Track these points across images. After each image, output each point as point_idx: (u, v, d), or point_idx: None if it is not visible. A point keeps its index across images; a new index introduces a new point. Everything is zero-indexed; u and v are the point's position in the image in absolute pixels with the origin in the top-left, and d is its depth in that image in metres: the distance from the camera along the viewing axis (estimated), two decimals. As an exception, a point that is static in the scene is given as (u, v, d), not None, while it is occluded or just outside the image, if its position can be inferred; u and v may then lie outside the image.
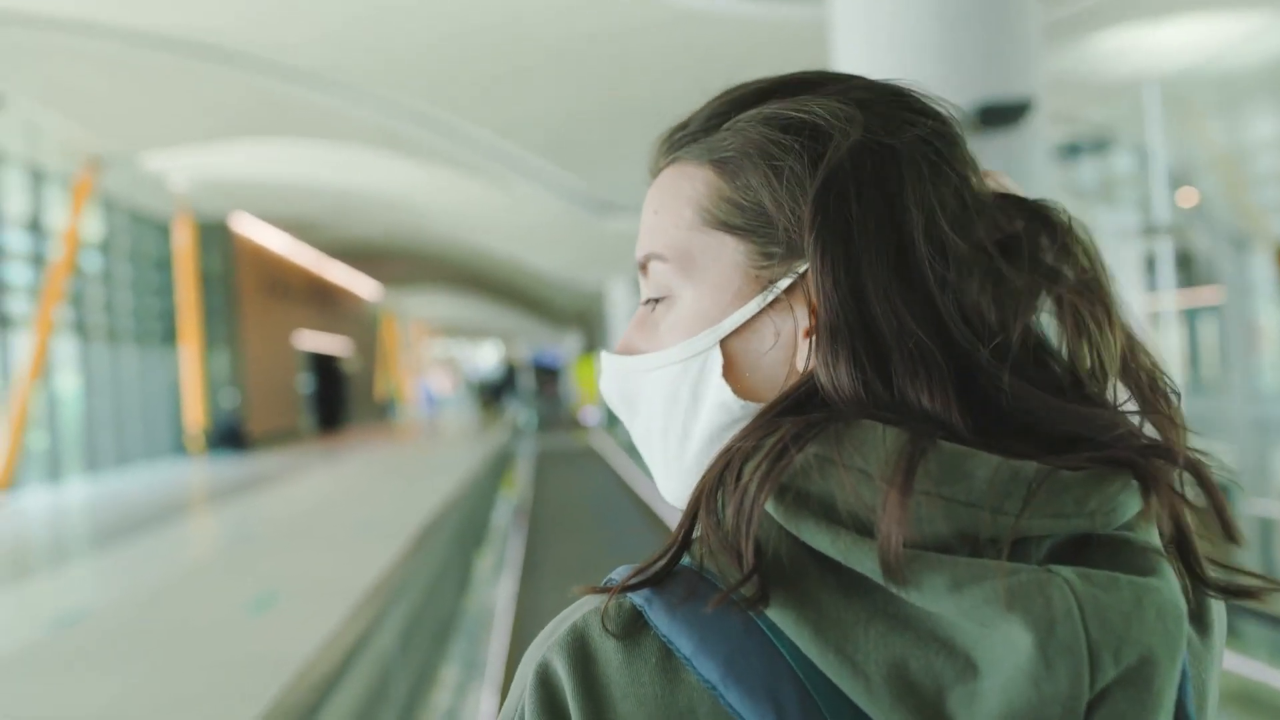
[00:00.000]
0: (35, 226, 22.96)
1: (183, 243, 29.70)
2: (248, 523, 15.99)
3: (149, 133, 21.44)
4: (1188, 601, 0.74)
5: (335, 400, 46.47)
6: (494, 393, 73.98)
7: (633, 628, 0.77)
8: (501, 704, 0.83)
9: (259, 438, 33.03)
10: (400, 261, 46.48)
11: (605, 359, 0.95)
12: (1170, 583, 0.71)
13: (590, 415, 46.65)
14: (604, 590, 0.80)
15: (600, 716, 0.75)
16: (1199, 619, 0.83)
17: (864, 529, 0.71)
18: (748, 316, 0.84)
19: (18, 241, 22.52)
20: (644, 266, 0.91)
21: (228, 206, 31.01)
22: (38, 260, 22.80)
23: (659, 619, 0.77)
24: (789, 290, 0.82)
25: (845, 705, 0.71)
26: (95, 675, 7.56)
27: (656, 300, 0.90)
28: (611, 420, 37.05)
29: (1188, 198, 19.40)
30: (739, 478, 0.76)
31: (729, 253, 0.85)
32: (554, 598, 9.66)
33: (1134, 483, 0.73)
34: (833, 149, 0.81)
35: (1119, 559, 0.72)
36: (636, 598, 0.79)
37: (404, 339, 71.06)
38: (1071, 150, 18.31)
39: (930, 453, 0.71)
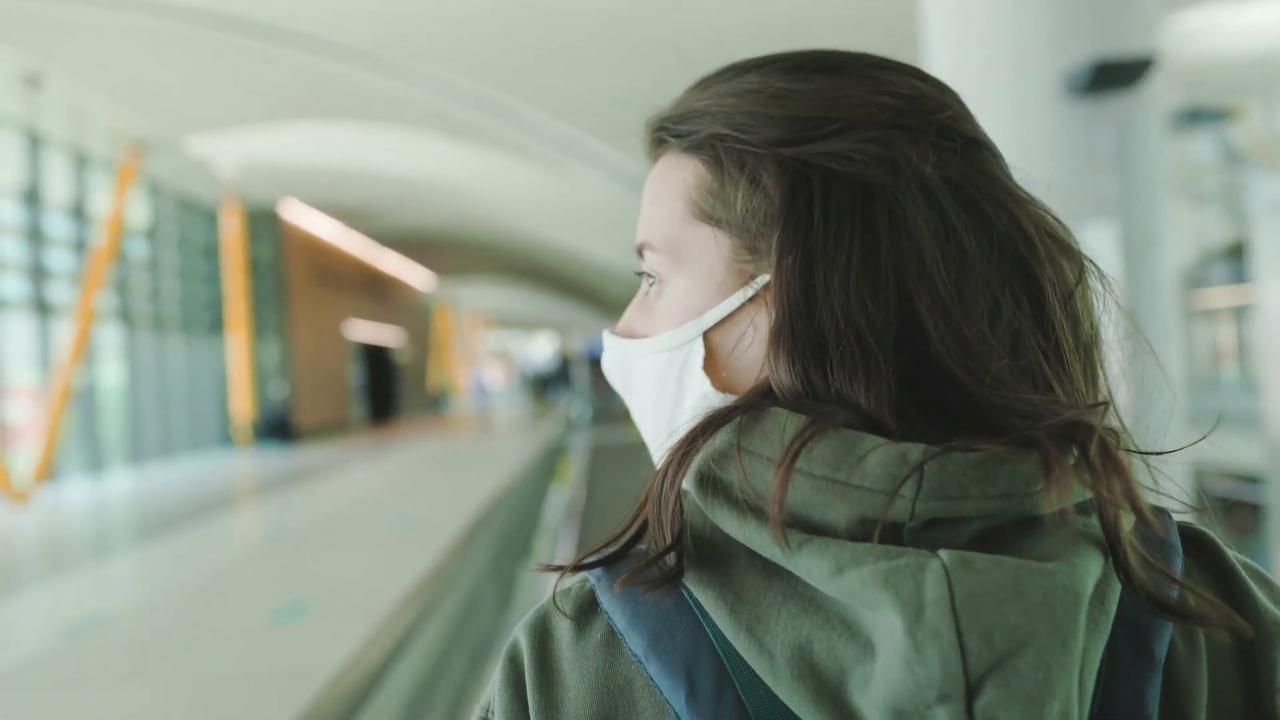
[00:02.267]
0: (78, 212, 22.53)
1: (230, 230, 29.29)
2: (286, 520, 15.48)
3: (195, 115, 20.95)
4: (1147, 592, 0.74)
5: (386, 391, 46.22)
6: (546, 385, 74.19)
7: (586, 605, 0.84)
8: None
9: (308, 429, 32.74)
10: (454, 251, 46.19)
11: (606, 338, 0.99)
12: (1076, 569, 0.69)
13: None
14: (560, 568, 0.85)
15: (550, 687, 0.82)
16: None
17: (763, 514, 0.74)
18: (729, 310, 0.86)
19: (60, 227, 22.08)
20: (640, 252, 0.93)
21: (277, 193, 30.62)
22: (80, 247, 22.36)
23: (603, 597, 0.83)
24: (768, 286, 0.83)
25: (758, 683, 0.74)
26: (95, 693, 6.87)
27: (652, 280, 0.93)
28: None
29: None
30: (664, 464, 0.80)
31: (715, 246, 0.87)
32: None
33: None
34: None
35: (1035, 544, 0.71)
36: (592, 577, 0.85)
37: (457, 330, 71.03)
38: (1191, 117, 17.21)
39: (820, 437, 0.73)
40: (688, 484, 0.82)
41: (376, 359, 45.19)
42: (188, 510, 16.59)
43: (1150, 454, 0.81)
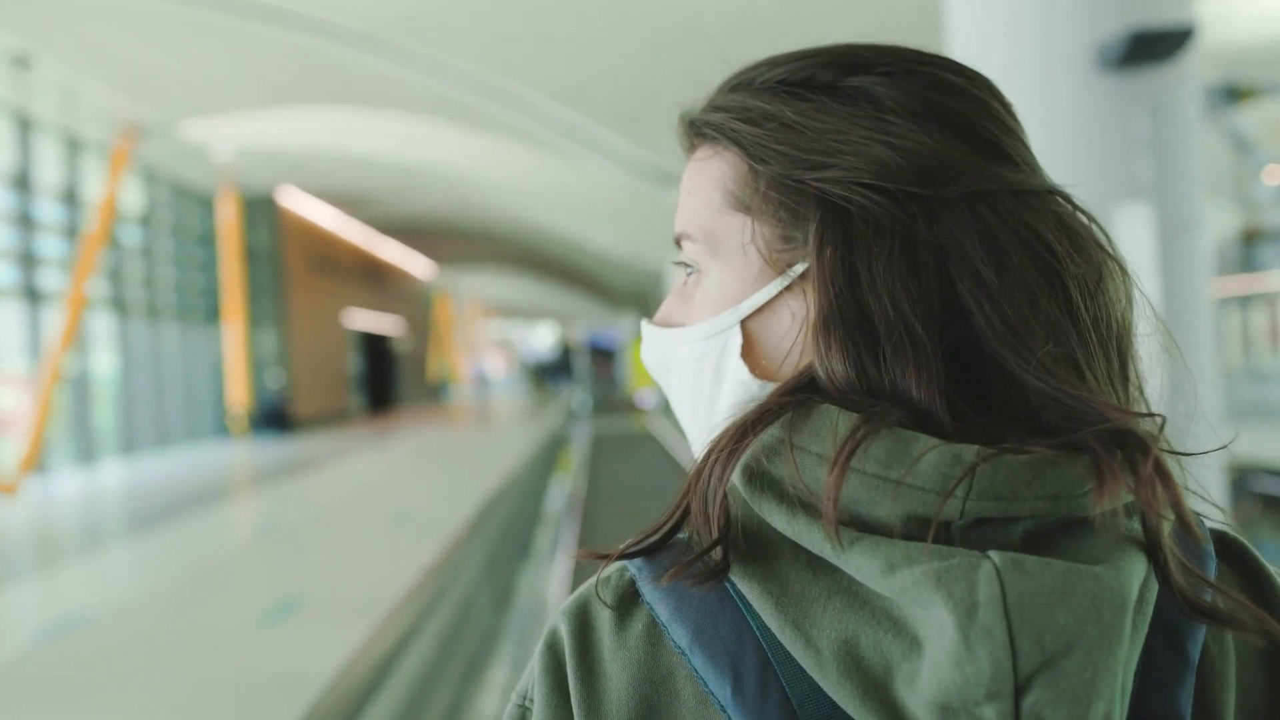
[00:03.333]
0: (70, 197, 22.21)
1: (227, 217, 28.85)
2: (280, 513, 15.16)
3: (191, 99, 20.59)
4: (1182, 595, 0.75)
5: (386, 381, 46.28)
6: (548, 374, 74.40)
7: (627, 595, 0.85)
8: None
9: (305, 419, 32.57)
10: (455, 240, 46.14)
11: (645, 328, 1.00)
12: (1122, 572, 0.70)
13: (647, 398, 46.15)
14: (603, 557, 0.86)
15: (591, 676, 0.83)
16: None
17: (815, 510, 0.75)
18: (766, 299, 0.87)
19: (51, 213, 21.78)
20: (678, 242, 0.95)
21: (274, 180, 30.37)
22: (72, 233, 22.05)
23: (645, 588, 0.84)
24: (805, 275, 0.85)
25: (803, 677, 0.76)
26: (65, 704, 6.48)
27: (690, 269, 0.95)
28: (669, 404, 36.51)
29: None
30: (710, 455, 0.81)
31: (751, 235, 0.88)
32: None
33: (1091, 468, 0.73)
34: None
35: (1078, 546, 0.73)
36: (632, 567, 0.86)
37: (458, 319, 71.19)
38: (1229, 95, 16.77)
39: (875, 437, 0.74)
40: (734, 478, 0.81)
41: (376, 348, 45.14)
42: (180, 503, 16.29)
43: (1185, 454, 0.80)
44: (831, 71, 0.88)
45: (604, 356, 77.84)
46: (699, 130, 0.95)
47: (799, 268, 0.85)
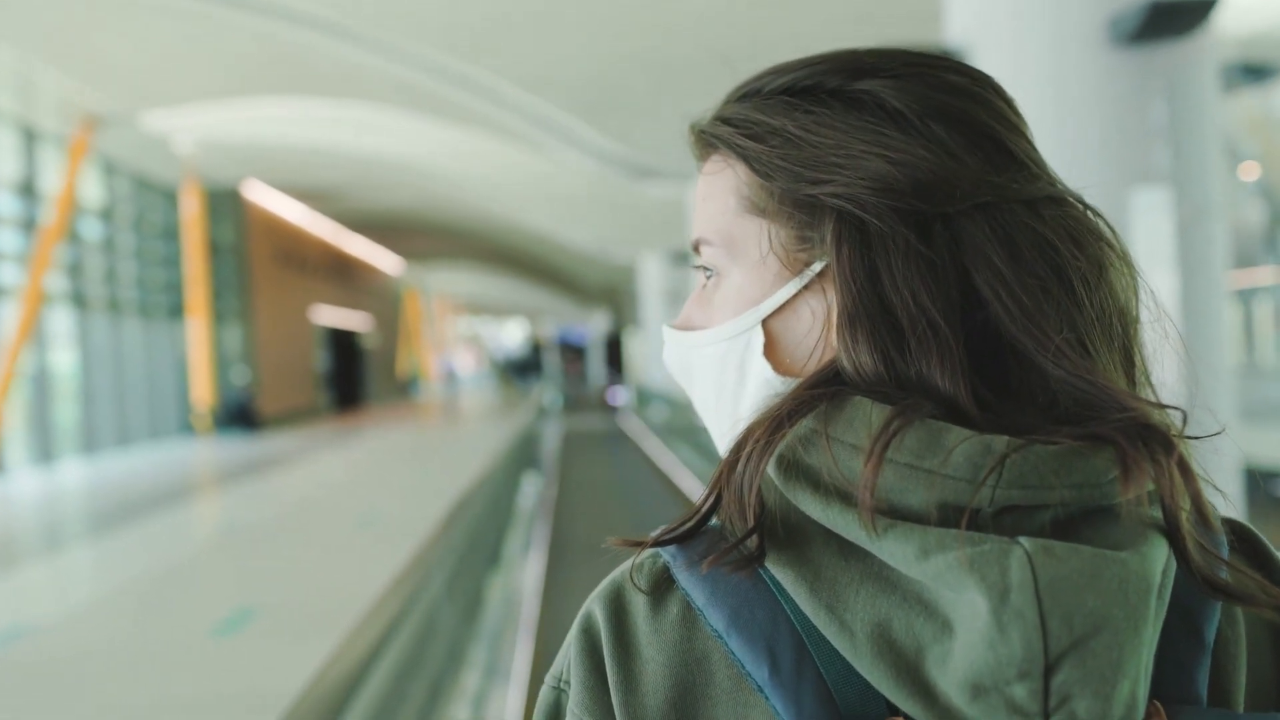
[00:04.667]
0: (28, 190, 21.78)
1: (190, 210, 28.44)
2: (241, 514, 14.85)
3: (151, 89, 20.22)
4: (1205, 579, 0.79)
5: (354, 378, 46.15)
6: (518, 371, 74.55)
7: (661, 581, 0.87)
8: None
9: (271, 417, 32.21)
10: (425, 235, 45.97)
11: (666, 332, 1.02)
12: (1146, 557, 0.73)
13: (618, 395, 46.00)
14: (638, 543, 0.89)
15: (628, 660, 0.85)
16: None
17: (849, 499, 0.78)
18: (785, 298, 0.90)
19: (7, 206, 21.37)
20: (696, 248, 0.97)
21: (239, 173, 29.95)
22: (29, 226, 21.61)
23: (680, 574, 0.86)
24: (822, 273, 0.88)
25: (837, 659, 0.79)
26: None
27: (709, 273, 0.97)
28: (641, 401, 36.52)
29: None
30: (744, 446, 0.84)
31: (768, 237, 0.90)
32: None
33: (1116, 459, 0.76)
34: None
35: (1102, 533, 0.76)
36: (665, 553, 0.88)
37: (427, 315, 71.05)
38: (1254, 73, 16.23)
39: (909, 428, 0.77)
40: (768, 468, 0.83)
41: (343, 344, 44.99)
42: (139, 503, 15.90)
43: (1194, 437, 0.83)
44: (838, 77, 0.89)
45: (574, 353, 78.10)
46: (708, 142, 0.97)
47: (816, 266, 0.88)
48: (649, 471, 21.17)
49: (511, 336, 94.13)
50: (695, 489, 16.35)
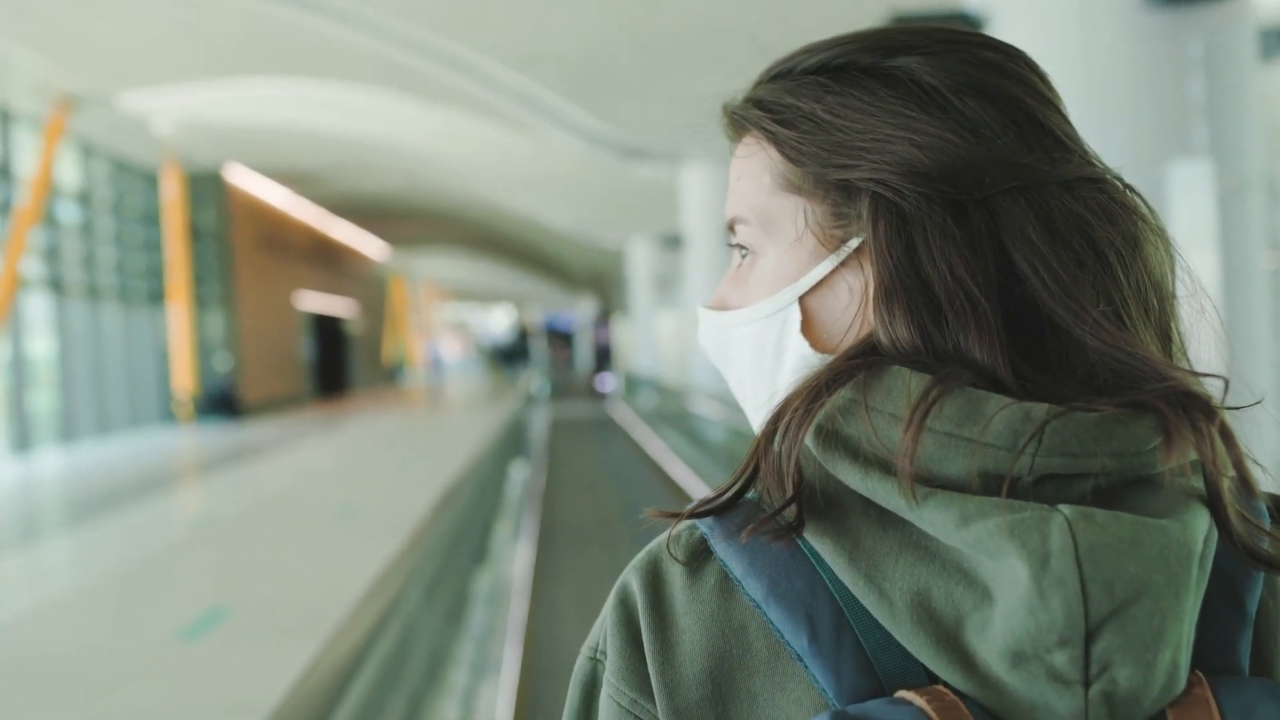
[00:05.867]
0: (3, 173, 21.53)
1: (171, 194, 28.10)
2: (218, 506, 14.59)
3: (129, 68, 19.87)
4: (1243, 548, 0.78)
5: (338, 364, 46.12)
6: (506, 358, 74.86)
7: (698, 552, 0.87)
8: None
9: (254, 404, 31.96)
10: (410, 220, 45.83)
11: (701, 313, 1.02)
12: (1187, 525, 0.73)
13: (606, 382, 46.01)
14: (674, 515, 0.89)
15: (665, 629, 0.85)
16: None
17: (888, 468, 0.78)
18: (822, 275, 0.90)
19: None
20: (731, 228, 0.97)
21: (221, 156, 29.64)
22: (4, 210, 21.30)
23: (718, 545, 0.86)
24: (859, 249, 0.87)
25: (876, 628, 0.79)
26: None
27: (745, 252, 0.97)
28: (630, 388, 36.31)
29: None
30: (781, 416, 0.84)
31: (804, 214, 0.90)
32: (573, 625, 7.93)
33: (1157, 427, 0.76)
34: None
35: (1143, 502, 0.75)
36: (702, 525, 0.88)
37: (413, 301, 71.11)
38: None
39: (948, 396, 0.77)
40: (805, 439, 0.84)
41: (328, 331, 44.92)
42: (115, 494, 15.60)
43: (1233, 408, 0.83)
44: (871, 55, 0.89)
45: (561, 339, 78.32)
46: (740, 123, 0.97)
47: (853, 242, 0.87)
48: (638, 459, 20.93)
49: (498, 323, 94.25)
50: (685, 476, 16.41)
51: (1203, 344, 0.89)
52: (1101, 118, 5.32)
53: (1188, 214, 5.36)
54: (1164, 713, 0.73)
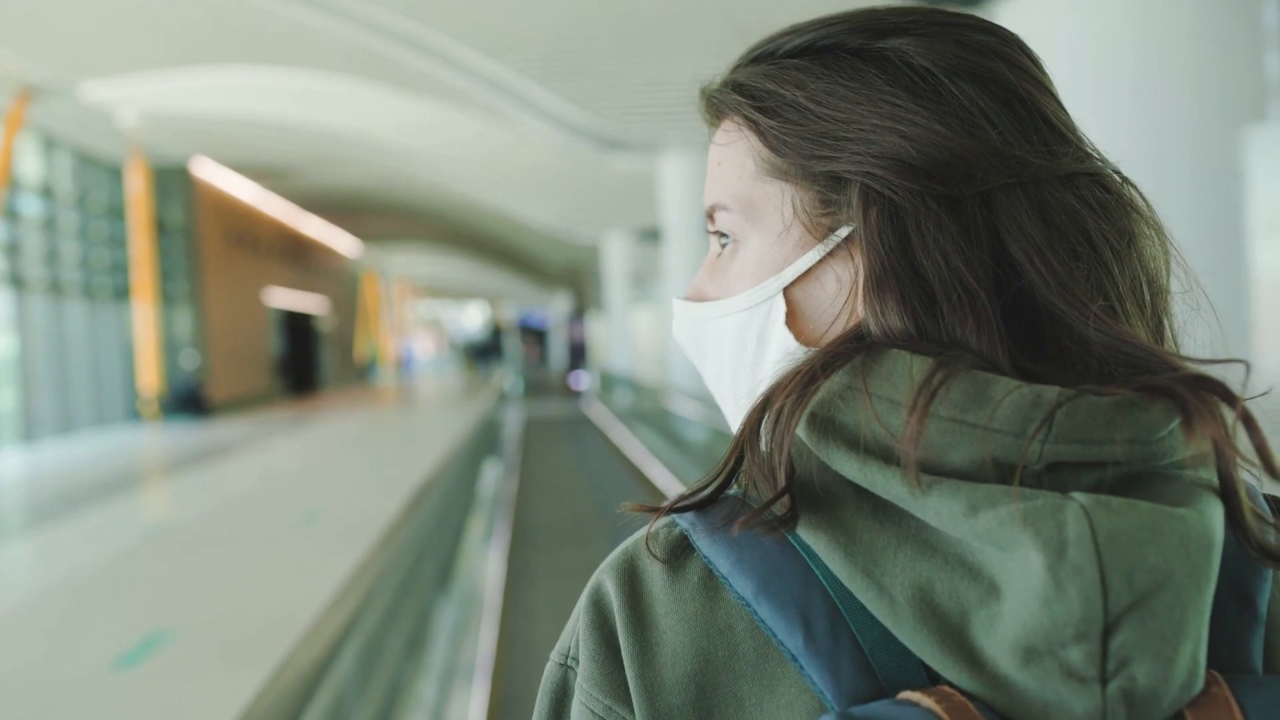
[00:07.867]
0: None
1: (136, 188, 27.52)
2: (175, 511, 14.22)
3: (90, 57, 19.38)
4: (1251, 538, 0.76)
5: (309, 362, 45.76)
6: (479, 355, 75.06)
7: (678, 549, 0.83)
8: None
9: (222, 403, 31.51)
10: (382, 216, 45.60)
11: (676, 305, 0.99)
12: (1205, 514, 0.71)
13: (581, 380, 45.80)
14: (653, 509, 0.85)
15: (644, 630, 0.81)
16: None
17: (889, 456, 0.75)
18: (809, 265, 0.87)
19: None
20: (711, 215, 0.94)
21: (187, 149, 29.12)
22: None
23: (701, 541, 0.83)
24: (849, 238, 0.85)
25: (874, 625, 0.76)
26: None
27: (725, 240, 0.94)
28: (605, 386, 35.97)
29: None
30: (771, 404, 0.80)
31: (790, 201, 0.87)
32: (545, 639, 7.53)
33: (1173, 412, 0.73)
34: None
35: (1157, 491, 0.73)
36: (682, 521, 0.84)
37: (386, 298, 70.87)
38: None
39: (953, 380, 0.74)
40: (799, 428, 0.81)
41: (298, 328, 44.58)
42: (71, 497, 15.17)
43: (1250, 398, 0.78)
44: (859, 37, 0.86)
45: (535, 336, 78.39)
46: (719, 108, 0.93)
47: (843, 231, 0.84)
48: (614, 459, 20.61)
49: (472, 320, 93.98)
50: (661, 475, 16.13)
51: (1197, 341, 0.86)
52: (1157, 90, 4.88)
53: (1272, 182, 4.96)
54: (1181, 714, 0.69)
